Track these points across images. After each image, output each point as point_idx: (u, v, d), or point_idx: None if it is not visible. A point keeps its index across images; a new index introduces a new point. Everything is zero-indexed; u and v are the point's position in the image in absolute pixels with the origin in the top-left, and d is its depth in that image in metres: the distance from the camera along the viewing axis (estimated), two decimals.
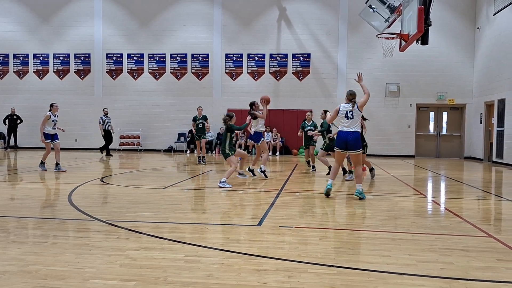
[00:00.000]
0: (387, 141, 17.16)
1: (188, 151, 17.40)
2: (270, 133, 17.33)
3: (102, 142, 15.76)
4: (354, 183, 7.06)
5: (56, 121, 10.20)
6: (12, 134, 17.55)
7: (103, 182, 8.21)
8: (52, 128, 10.07)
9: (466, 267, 3.37)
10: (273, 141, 17.24)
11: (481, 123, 15.79)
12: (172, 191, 7.22)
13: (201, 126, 12.52)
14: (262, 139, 9.06)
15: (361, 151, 6.60)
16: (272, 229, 4.52)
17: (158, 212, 5.36)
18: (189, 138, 17.10)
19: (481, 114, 15.74)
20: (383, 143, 17.15)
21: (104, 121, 15.36)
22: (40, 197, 6.64)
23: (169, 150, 18.14)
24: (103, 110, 15.70)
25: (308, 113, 11.53)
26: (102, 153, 15.62)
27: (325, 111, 10.15)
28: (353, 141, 6.42)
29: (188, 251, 3.70)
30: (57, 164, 9.95)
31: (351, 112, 6.48)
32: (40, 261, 3.38)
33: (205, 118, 12.65)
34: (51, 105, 10.23)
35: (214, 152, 17.58)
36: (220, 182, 7.58)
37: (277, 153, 17.03)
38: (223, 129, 17.09)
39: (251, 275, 3.11)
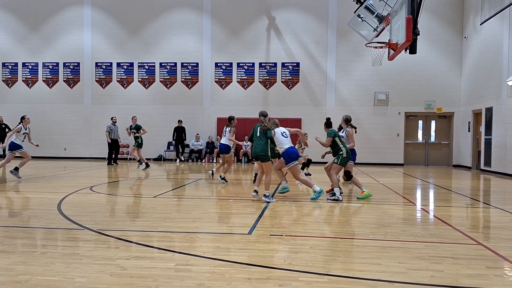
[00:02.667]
0: (376, 149, 17.32)
1: (178, 160, 17.34)
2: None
3: (91, 151, 15.57)
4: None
5: (27, 133, 10.23)
6: (1, 143, 17.28)
7: (93, 191, 8.12)
8: (22, 141, 10.08)
9: (456, 274, 3.41)
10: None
11: (469, 131, 16.05)
12: (162, 200, 7.18)
13: (133, 135, 13.94)
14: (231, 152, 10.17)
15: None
16: (263, 237, 4.52)
17: (148, 221, 5.33)
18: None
19: (469, 122, 16.00)
20: (372, 152, 17.30)
21: (111, 129, 15.25)
22: (29, 206, 6.54)
23: (159, 158, 18.05)
24: (111, 118, 15.63)
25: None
26: (112, 163, 15.31)
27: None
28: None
29: (178, 260, 3.69)
30: (16, 168, 9.99)
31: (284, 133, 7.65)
32: (29, 271, 3.33)
33: (138, 127, 13.87)
34: (22, 118, 10.30)
35: (204, 160, 17.53)
36: (265, 196, 6.97)
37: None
38: (212, 137, 17.32)
39: (242, 283, 3.11)
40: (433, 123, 17.59)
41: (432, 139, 17.61)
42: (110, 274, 3.28)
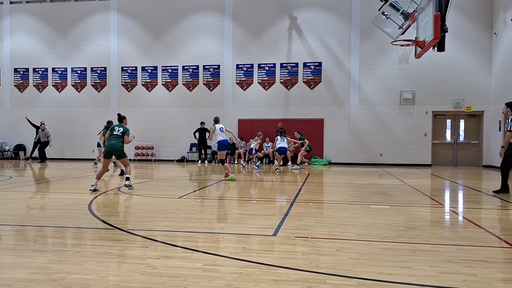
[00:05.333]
0: (402, 150, 16.99)
1: (200, 161, 17.50)
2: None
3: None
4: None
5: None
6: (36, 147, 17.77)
7: (121, 191, 8.32)
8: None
9: (489, 278, 3.31)
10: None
11: (499, 130, 15.51)
12: (187, 200, 7.27)
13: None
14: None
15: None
16: (288, 239, 4.52)
17: (175, 221, 5.41)
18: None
19: (500, 121, 15.48)
20: (398, 152, 16.98)
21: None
22: (61, 206, 6.76)
23: (182, 160, 18.29)
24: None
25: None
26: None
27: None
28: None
29: (206, 260, 3.73)
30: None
31: None
32: (64, 270, 3.45)
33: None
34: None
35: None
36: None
37: (289, 163, 16.94)
38: (232, 139, 17.35)
39: (270, 285, 3.12)
40: (462, 122, 17.10)
41: (461, 138, 17.12)
42: (141, 273, 3.35)
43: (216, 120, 11.23)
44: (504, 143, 8.09)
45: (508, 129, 7.93)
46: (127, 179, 8.54)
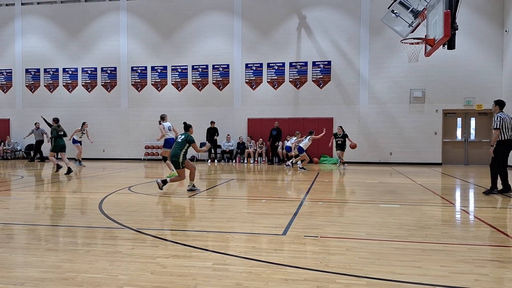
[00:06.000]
0: (412, 148, 16.83)
1: (210, 160, 17.57)
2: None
3: (128, 152, 16.04)
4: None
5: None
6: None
7: (131, 191, 8.39)
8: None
9: (502, 278, 3.27)
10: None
11: None
12: (197, 199, 7.30)
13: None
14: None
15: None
16: (297, 238, 4.51)
17: (185, 221, 5.45)
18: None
19: None
20: (408, 151, 16.83)
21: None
22: (72, 206, 6.84)
23: (192, 159, 18.36)
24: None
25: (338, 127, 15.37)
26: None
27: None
28: None
29: (215, 259, 3.75)
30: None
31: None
32: (75, 268, 3.49)
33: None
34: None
35: (235, 161, 17.67)
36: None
37: (298, 162, 16.92)
38: (242, 138, 17.43)
39: (280, 284, 3.12)
40: (472, 121, 16.88)
41: (472, 137, 16.91)
42: (151, 272, 3.38)
43: (164, 118, 11.12)
44: (492, 141, 7.94)
45: (495, 127, 7.80)
46: (165, 182, 8.17)
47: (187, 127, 8.71)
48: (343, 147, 15.03)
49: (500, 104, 8.03)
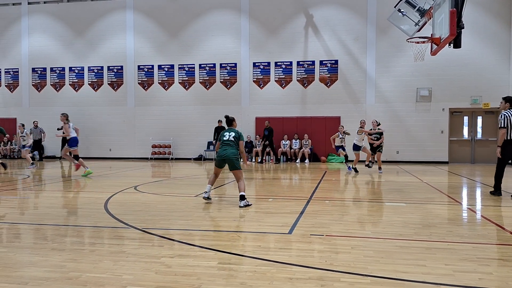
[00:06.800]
0: (419, 147, 16.74)
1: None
2: (298, 140, 17.32)
3: (134, 151, 16.10)
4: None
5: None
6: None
7: (137, 190, 8.44)
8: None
9: (506, 277, 3.25)
10: (304, 147, 17.18)
11: None
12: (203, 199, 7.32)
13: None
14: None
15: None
16: (303, 237, 4.52)
17: (190, 220, 5.47)
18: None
19: None
20: (415, 149, 16.75)
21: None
22: (77, 205, 6.91)
23: (199, 158, 18.42)
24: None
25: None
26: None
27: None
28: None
29: (220, 258, 3.76)
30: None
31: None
32: (79, 268, 3.52)
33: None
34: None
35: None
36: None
37: (306, 161, 16.94)
38: (250, 137, 17.43)
39: (284, 283, 3.13)
40: (479, 119, 16.75)
41: (479, 135, 16.78)
42: (155, 272, 3.40)
43: (67, 117, 11.21)
44: (499, 141, 7.63)
45: (500, 126, 7.58)
46: (242, 197, 6.50)
47: (230, 121, 7.12)
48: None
49: (510, 101, 7.75)
